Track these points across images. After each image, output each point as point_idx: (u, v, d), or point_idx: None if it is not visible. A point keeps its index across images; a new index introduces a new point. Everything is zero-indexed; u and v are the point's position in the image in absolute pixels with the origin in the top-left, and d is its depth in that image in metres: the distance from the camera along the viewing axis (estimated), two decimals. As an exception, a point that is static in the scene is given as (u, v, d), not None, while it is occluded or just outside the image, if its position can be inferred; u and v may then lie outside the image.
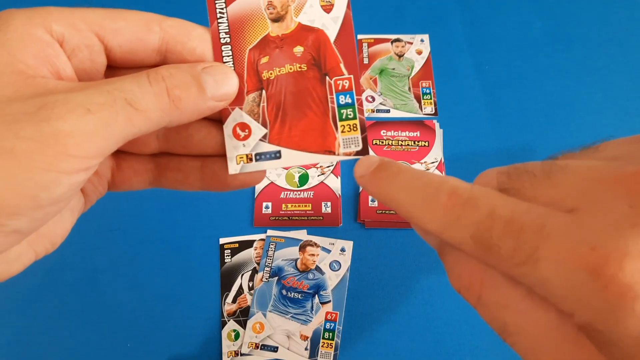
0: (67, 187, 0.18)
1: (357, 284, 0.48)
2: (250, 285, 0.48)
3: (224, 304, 0.47)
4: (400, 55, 0.60)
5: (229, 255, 0.49)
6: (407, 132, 0.55)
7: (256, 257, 0.49)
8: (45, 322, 0.47)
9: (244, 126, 0.24)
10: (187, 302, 0.48)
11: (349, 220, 0.51)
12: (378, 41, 0.61)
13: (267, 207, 0.51)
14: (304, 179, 0.53)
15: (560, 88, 0.58)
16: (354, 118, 0.24)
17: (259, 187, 0.52)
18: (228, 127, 0.24)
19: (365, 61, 0.60)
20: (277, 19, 0.24)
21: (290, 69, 0.24)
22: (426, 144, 0.54)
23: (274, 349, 0.45)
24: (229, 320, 0.47)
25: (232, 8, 0.24)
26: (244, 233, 0.50)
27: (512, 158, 0.54)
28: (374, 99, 0.58)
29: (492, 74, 0.59)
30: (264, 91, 0.24)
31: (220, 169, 0.24)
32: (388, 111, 0.57)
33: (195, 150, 0.24)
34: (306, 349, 0.45)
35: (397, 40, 0.61)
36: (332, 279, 0.48)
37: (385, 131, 0.55)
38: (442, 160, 0.53)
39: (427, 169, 0.53)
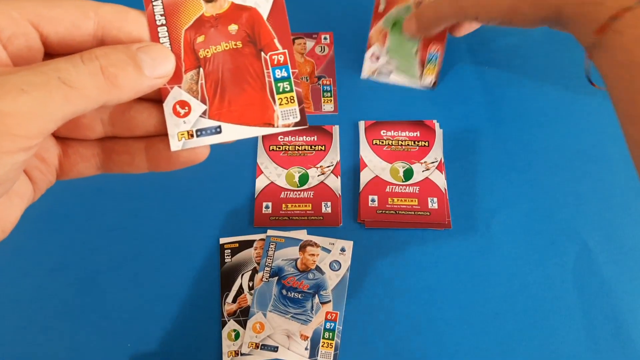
0: (9, 166, 0.19)
1: (357, 284, 0.48)
2: (250, 285, 0.48)
3: (224, 304, 0.47)
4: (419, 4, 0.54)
5: (229, 255, 0.49)
6: (407, 132, 0.55)
7: (256, 257, 0.49)
8: (45, 322, 0.47)
9: (183, 104, 0.25)
10: (187, 302, 0.48)
11: (349, 220, 0.51)
12: None
13: (267, 207, 0.51)
14: (304, 178, 0.53)
15: (561, 88, 0.58)
16: (291, 91, 0.25)
17: (259, 187, 0.52)
18: (168, 105, 0.25)
19: (381, 8, 0.55)
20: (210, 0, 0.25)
21: (226, 46, 0.25)
22: (426, 144, 0.54)
23: (274, 349, 0.45)
24: (229, 320, 0.47)
25: None
26: (244, 233, 0.50)
27: (512, 158, 0.54)
28: (378, 59, 0.56)
29: (492, 74, 0.59)
30: (201, 69, 0.25)
31: (164, 148, 0.25)
32: (388, 75, 0.56)
33: (139, 131, 0.25)
34: (306, 348, 0.45)
35: None
36: (332, 279, 0.48)
37: (385, 131, 0.55)
38: (442, 160, 0.53)
39: (427, 169, 0.53)
